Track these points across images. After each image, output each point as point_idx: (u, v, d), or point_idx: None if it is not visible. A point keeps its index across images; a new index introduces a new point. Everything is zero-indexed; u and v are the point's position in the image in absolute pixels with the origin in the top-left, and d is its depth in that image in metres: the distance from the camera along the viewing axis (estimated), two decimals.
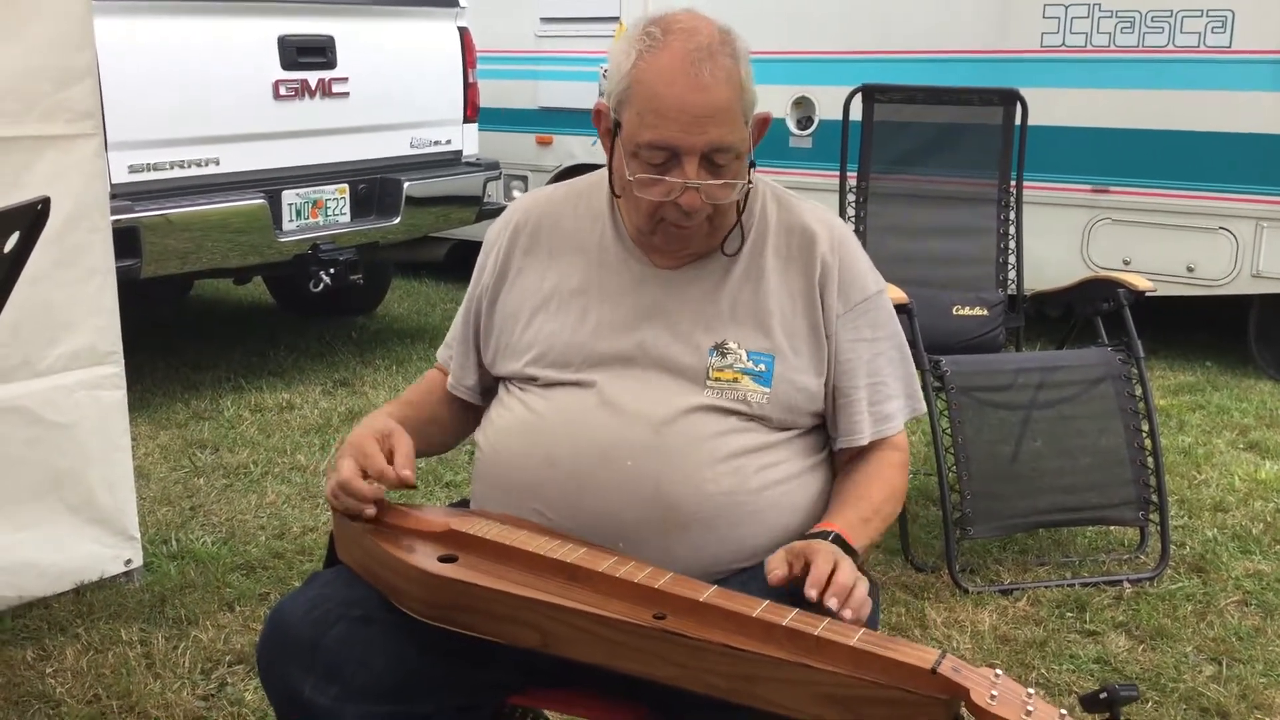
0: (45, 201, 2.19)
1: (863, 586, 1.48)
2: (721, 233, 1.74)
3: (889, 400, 1.79)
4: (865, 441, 1.77)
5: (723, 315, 1.73)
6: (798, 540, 1.58)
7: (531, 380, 1.77)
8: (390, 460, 1.67)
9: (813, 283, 1.75)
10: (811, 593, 1.45)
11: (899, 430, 1.82)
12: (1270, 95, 5.10)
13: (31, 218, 2.20)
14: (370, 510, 1.66)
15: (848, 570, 1.48)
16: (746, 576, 1.62)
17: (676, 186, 1.63)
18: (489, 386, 1.90)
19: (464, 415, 1.94)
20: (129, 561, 3.20)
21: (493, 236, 1.89)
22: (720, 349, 1.72)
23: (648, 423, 1.67)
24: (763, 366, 1.71)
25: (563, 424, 1.71)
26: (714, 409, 1.69)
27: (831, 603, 1.43)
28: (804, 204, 1.82)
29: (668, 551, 1.64)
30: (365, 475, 1.66)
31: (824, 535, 1.58)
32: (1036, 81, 5.07)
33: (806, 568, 1.50)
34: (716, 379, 1.70)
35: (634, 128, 1.64)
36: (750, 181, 1.70)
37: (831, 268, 1.75)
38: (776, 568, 1.52)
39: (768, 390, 1.71)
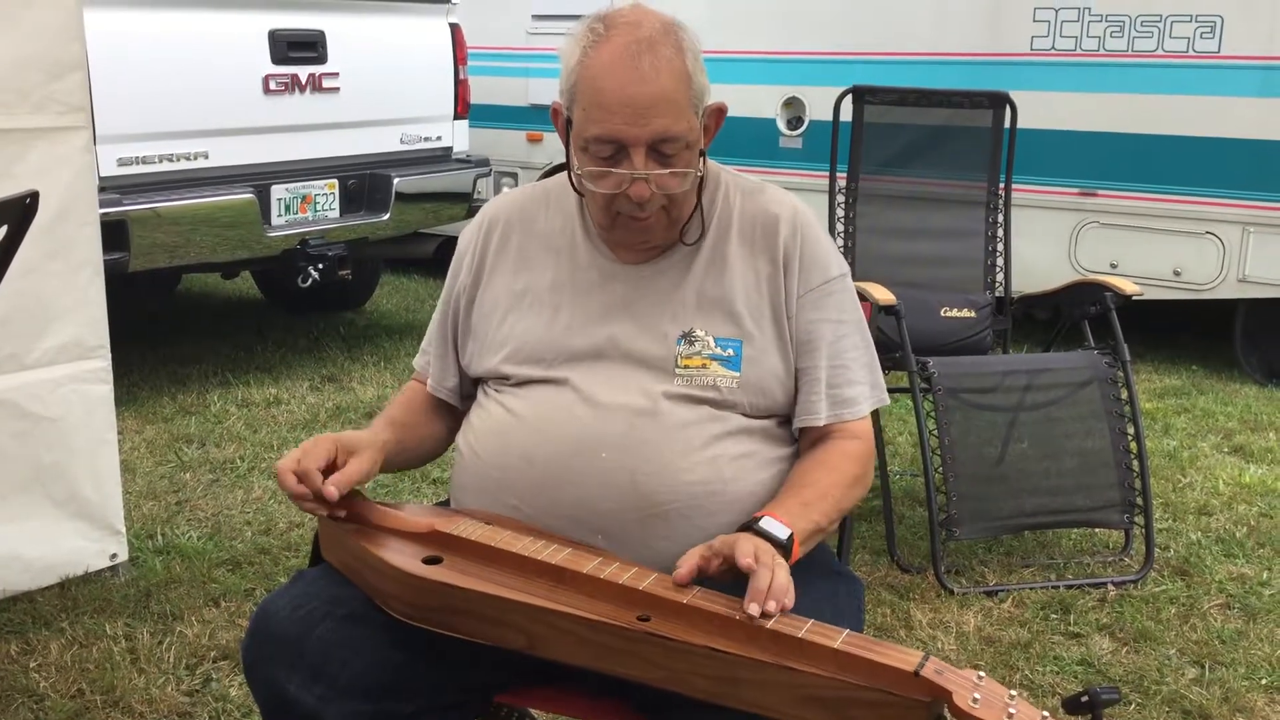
0: (34, 196, 2.19)
1: (782, 575, 1.45)
2: (680, 223, 1.75)
3: (850, 385, 1.78)
4: (822, 422, 1.76)
5: (688, 305, 1.75)
6: (723, 534, 1.56)
7: (505, 379, 1.78)
8: (333, 469, 1.65)
9: (776, 266, 1.76)
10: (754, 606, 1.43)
11: (860, 417, 1.79)
12: (1258, 101, 5.12)
13: (20, 212, 2.20)
14: (318, 508, 1.64)
15: (764, 573, 1.45)
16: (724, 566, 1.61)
17: (625, 178, 1.65)
18: (470, 392, 1.90)
19: (448, 420, 1.94)
20: (114, 556, 3.20)
21: (467, 238, 1.90)
22: (688, 337, 1.73)
23: (621, 415, 1.69)
24: (730, 352, 1.73)
25: (538, 421, 1.72)
26: (686, 398, 1.70)
27: (752, 608, 1.42)
28: (767, 190, 1.83)
29: (645, 542, 1.65)
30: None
31: (756, 521, 1.56)
32: (1026, 85, 5.09)
33: (724, 563, 1.50)
34: (685, 366, 1.72)
35: (581, 123, 1.66)
36: (701, 170, 1.71)
37: (793, 250, 1.77)
38: (684, 565, 1.50)
39: (737, 375, 1.72)
